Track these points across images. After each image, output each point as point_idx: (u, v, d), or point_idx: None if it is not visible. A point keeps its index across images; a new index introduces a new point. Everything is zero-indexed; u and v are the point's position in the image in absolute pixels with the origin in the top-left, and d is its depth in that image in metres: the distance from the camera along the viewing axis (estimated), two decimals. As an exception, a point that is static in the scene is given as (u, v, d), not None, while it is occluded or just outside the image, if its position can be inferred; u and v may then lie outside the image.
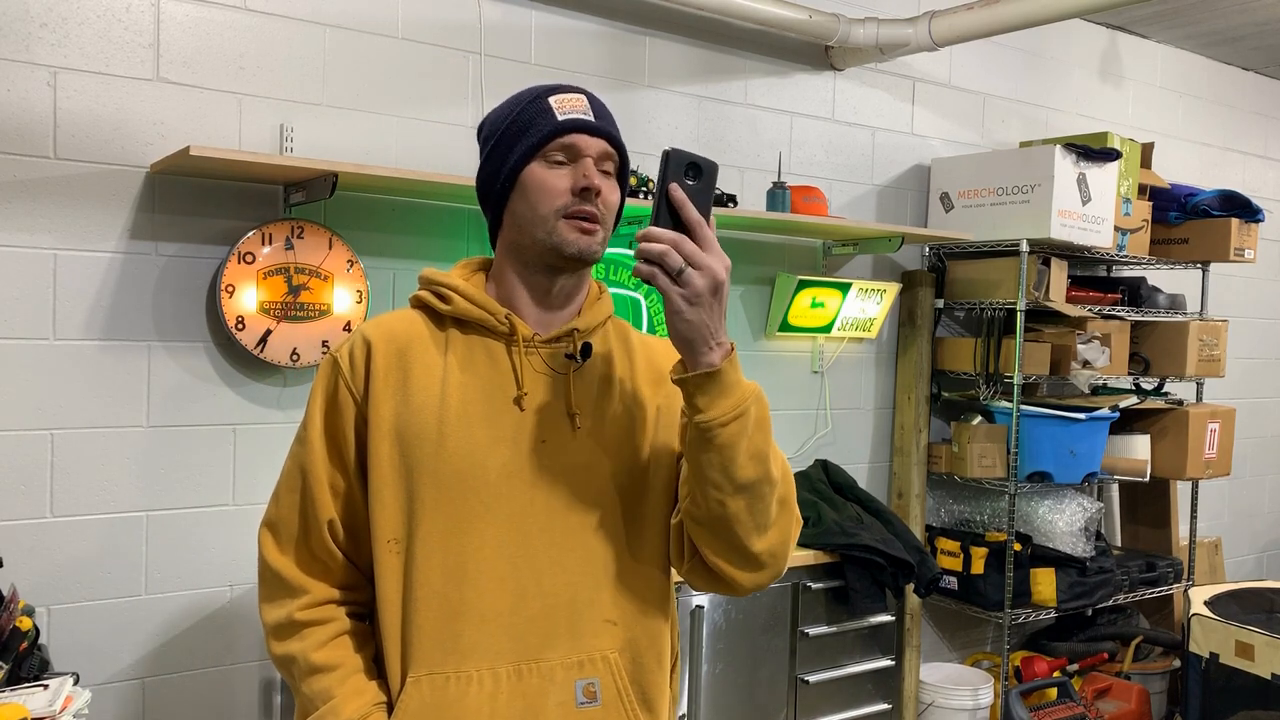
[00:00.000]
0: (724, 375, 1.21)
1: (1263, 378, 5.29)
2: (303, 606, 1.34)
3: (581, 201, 1.29)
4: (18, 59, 2.35)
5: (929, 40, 3.41)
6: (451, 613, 1.29)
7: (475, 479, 1.30)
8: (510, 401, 1.33)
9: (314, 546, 1.35)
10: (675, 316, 1.19)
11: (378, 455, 1.31)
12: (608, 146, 1.33)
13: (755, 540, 1.27)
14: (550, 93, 1.34)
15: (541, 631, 1.31)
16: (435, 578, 1.29)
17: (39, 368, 2.41)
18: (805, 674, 3.03)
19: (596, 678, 1.32)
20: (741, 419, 1.22)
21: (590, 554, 1.33)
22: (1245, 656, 3.33)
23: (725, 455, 1.22)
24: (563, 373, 1.36)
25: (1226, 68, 5.01)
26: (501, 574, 1.30)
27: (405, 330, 1.36)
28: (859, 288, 3.56)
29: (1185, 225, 4.22)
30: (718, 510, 1.25)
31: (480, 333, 1.36)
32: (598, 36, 3.15)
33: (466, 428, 1.31)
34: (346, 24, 2.74)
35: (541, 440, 1.33)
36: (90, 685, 2.38)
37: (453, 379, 1.33)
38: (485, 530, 1.30)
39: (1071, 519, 3.83)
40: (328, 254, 2.64)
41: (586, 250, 1.31)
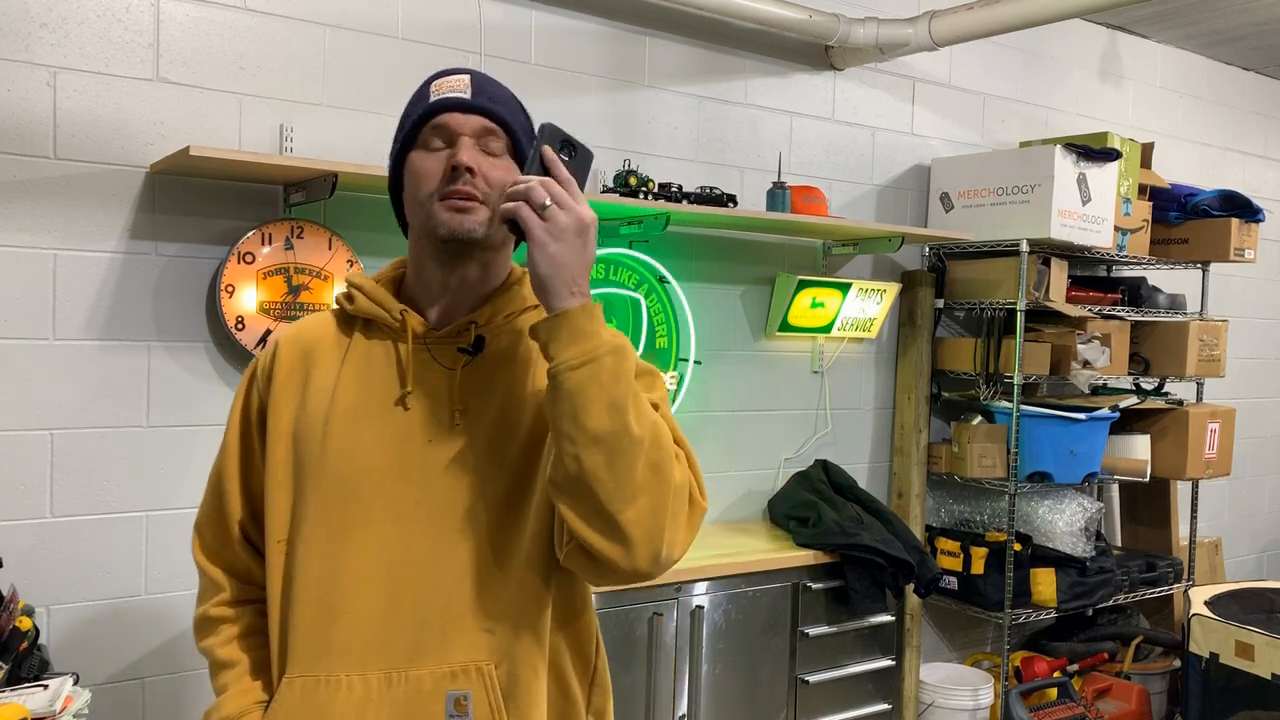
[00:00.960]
0: (573, 318, 1.17)
1: (1263, 378, 5.29)
2: (216, 604, 1.39)
3: (451, 180, 1.24)
4: (18, 59, 2.35)
5: (929, 40, 3.41)
6: (326, 615, 1.26)
7: (357, 481, 1.27)
8: (396, 401, 1.29)
9: (226, 544, 1.39)
10: (538, 251, 1.17)
11: (273, 457, 1.32)
12: (487, 122, 1.27)
13: (620, 506, 1.15)
14: (435, 78, 1.31)
15: (413, 638, 1.25)
16: (312, 579, 1.27)
17: (39, 368, 2.41)
18: (805, 674, 3.03)
19: (469, 690, 1.25)
20: (592, 365, 1.16)
21: (469, 558, 1.27)
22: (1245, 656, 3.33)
23: (575, 402, 1.15)
24: (452, 368, 1.30)
25: (1226, 68, 5.01)
26: (378, 578, 1.26)
27: (313, 332, 1.36)
28: (859, 288, 3.56)
29: (1185, 225, 4.22)
30: (573, 468, 1.15)
31: (381, 333, 1.33)
32: (598, 36, 3.15)
33: (352, 429, 1.28)
34: (346, 24, 2.74)
35: (427, 440, 1.28)
36: (90, 685, 2.38)
37: (345, 379, 1.31)
38: (365, 533, 1.26)
39: (1071, 519, 3.83)
40: (328, 254, 2.64)
41: (460, 229, 1.24)
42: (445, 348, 1.31)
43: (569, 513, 1.19)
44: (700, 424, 3.42)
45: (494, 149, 1.28)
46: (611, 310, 3.15)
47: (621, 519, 1.16)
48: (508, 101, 1.32)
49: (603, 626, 2.69)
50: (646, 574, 1.20)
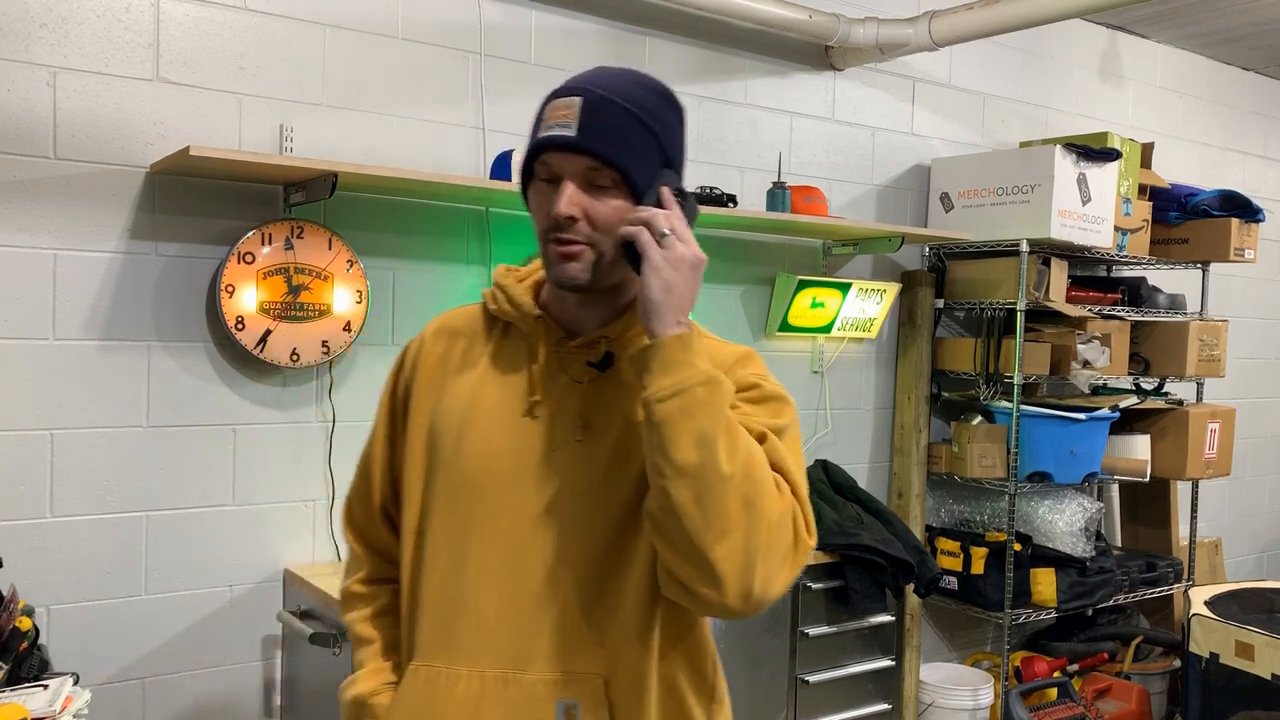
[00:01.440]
0: (669, 348, 1.17)
1: (1263, 378, 5.29)
2: (359, 580, 1.45)
3: (555, 228, 1.23)
4: (18, 59, 2.35)
5: (929, 40, 3.41)
6: (451, 610, 1.29)
7: (483, 483, 1.29)
8: (525, 408, 1.30)
9: (370, 524, 1.45)
10: (652, 275, 1.18)
11: (412, 449, 1.36)
12: (592, 162, 1.21)
13: (710, 542, 1.13)
14: (553, 95, 1.26)
15: (529, 643, 1.27)
16: (439, 573, 1.30)
17: (39, 368, 2.41)
18: (805, 674, 3.03)
19: (578, 700, 1.26)
20: (682, 396, 1.14)
21: (584, 571, 1.27)
22: (1245, 656, 3.33)
23: (663, 434, 1.14)
24: (580, 381, 1.30)
25: (1226, 68, 5.01)
26: (499, 581, 1.27)
27: (462, 326, 1.39)
28: (859, 288, 3.56)
29: (1185, 225, 4.22)
30: (663, 501, 1.14)
31: (519, 335, 1.34)
32: (598, 36, 3.15)
33: (485, 431, 1.30)
34: (346, 24, 2.74)
35: (552, 450, 1.28)
36: (90, 685, 2.38)
37: (485, 381, 1.33)
38: (487, 535, 1.28)
39: (1071, 519, 3.83)
40: (328, 254, 2.64)
41: (565, 277, 1.24)
42: (576, 359, 1.31)
43: (661, 546, 1.18)
44: (700, 424, 3.41)
45: (602, 182, 1.23)
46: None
47: (711, 555, 1.13)
48: (620, 130, 1.23)
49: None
50: (738, 612, 1.17)
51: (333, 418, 2.76)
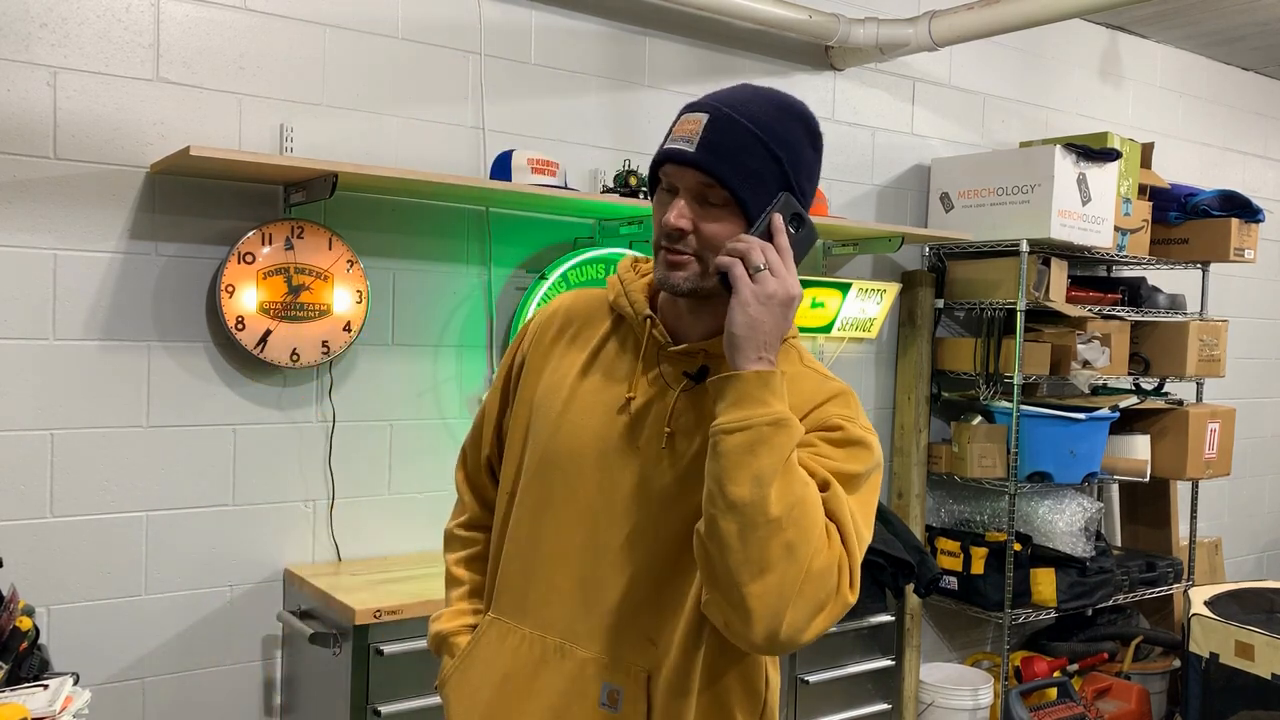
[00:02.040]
0: (745, 382, 1.18)
1: (1263, 378, 5.29)
2: (460, 525, 1.58)
3: (666, 238, 1.28)
4: (18, 59, 2.35)
5: (929, 40, 3.41)
6: (527, 573, 1.40)
7: (567, 468, 1.37)
8: (622, 402, 1.36)
9: (477, 471, 1.57)
10: (740, 310, 1.19)
11: (516, 417, 1.47)
12: (705, 178, 1.25)
13: (746, 578, 1.15)
14: (687, 109, 1.31)
15: (587, 622, 1.35)
16: (522, 537, 1.41)
17: (39, 368, 2.41)
18: (805, 674, 3.03)
19: (622, 687, 1.33)
20: (748, 433, 1.16)
21: (648, 569, 1.32)
22: (1245, 656, 3.33)
23: (723, 465, 1.16)
24: (674, 387, 1.33)
25: (1226, 68, 5.01)
26: (569, 560, 1.37)
27: (585, 310, 1.47)
28: (859, 288, 3.56)
29: (1185, 225, 4.22)
30: (711, 529, 1.17)
31: (630, 329, 1.40)
32: (598, 36, 3.15)
33: (583, 416, 1.38)
34: (346, 24, 2.74)
35: (635, 448, 1.34)
36: (90, 685, 2.38)
37: (591, 366, 1.41)
38: (563, 513, 1.37)
39: (1071, 519, 3.83)
40: (328, 254, 2.64)
41: (668, 284, 1.29)
42: (675, 364, 1.35)
43: (701, 569, 1.21)
44: (700, 424, 3.41)
45: (714, 200, 1.26)
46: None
47: (744, 590, 1.16)
48: (738, 151, 1.26)
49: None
50: (761, 649, 1.20)
51: (333, 418, 2.76)
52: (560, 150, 3.04)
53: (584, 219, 3.12)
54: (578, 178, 3.10)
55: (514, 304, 3.00)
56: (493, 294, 2.98)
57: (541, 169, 2.79)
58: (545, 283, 2.98)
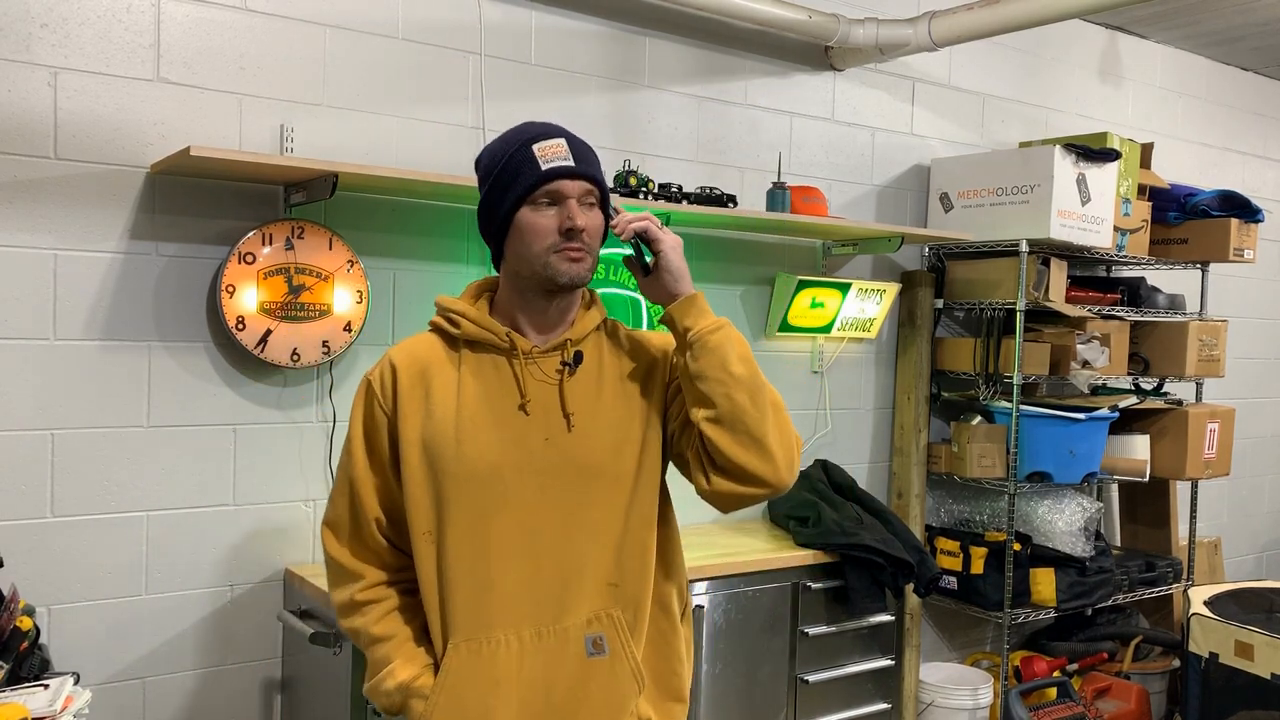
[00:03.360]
0: (700, 300, 1.58)
1: (1262, 378, 5.29)
2: (361, 589, 1.64)
3: (568, 239, 1.54)
4: (18, 59, 2.35)
5: (929, 40, 3.41)
6: (481, 588, 1.56)
7: (491, 477, 1.56)
8: (515, 408, 1.59)
9: (365, 539, 1.64)
10: (672, 253, 1.58)
11: (409, 462, 1.58)
12: (589, 185, 1.57)
13: (765, 430, 1.53)
14: (533, 139, 1.56)
15: (556, 598, 1.58)
16: (465, 560, 1.56)
17: (39, 368, 2.41)
18: (805, 674, 3.04)
19: (603, 632, 1.60)
20: (724, 330, 1.56)
21: (594, 529, 1.59)
22: (1245, 656, 3.33)
23: (720, 355, 1.54)
24: (557, 379, 1.61)
25: (1226, 68, 5.01)
26: (520, 553, 1.57)
27: (425, 353, 1.63)
28: (859, 288, 3.56)
29: (1185, 225, 4.22)
30: (728, 405, 1.52)
31: (488, 350, 1.62)
32: (598, 36, 3.15)
33: (479, 433, 1.57)
34: (346, 24, 2.74)
35: (545, 438, 1.59)
36: (90, 685, 2.38)
37: (466, 391, 1.59)
38: (504, 517, 1.56)
39: (1071, 519, 3.83)
40: (328, 254, 2.64)
41: (577, 277, 1.57)
42: (548, 361, 1.62)
43: (726, 440, 1.53)
44: (700, 424, 3.41)
45: (590, 201, 1.58)
46: (612, 310, 3.14)
47: (768, 440, 1.53)
48: (594, 160, 1.61)
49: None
50: (787, 483, 1.56)
51: (333, 418, 2.76)
52: (560, 150, 3.04)
53: (584, 219, 3.12)
54: (578, 178, 3.10)
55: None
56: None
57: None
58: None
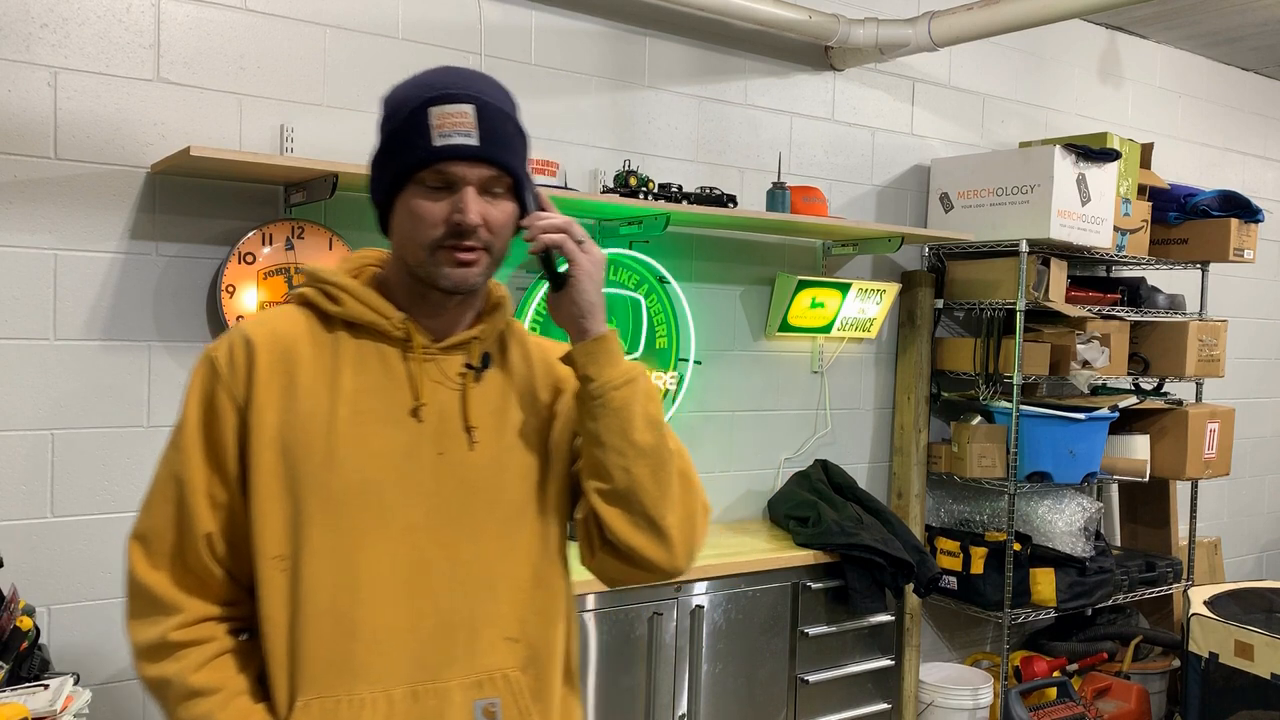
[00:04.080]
0: (611, 343, 1.29)
1: (1262, 378, 5.29)
2: (178, 626, 1.24)
3: (457, 236, 1.22)
4: (18, 59, 2.35)
5: (929, 40, 3.41)
6: (344, 633, 1.22)
7: (369, 493, 1.23)
8: (407, 412, 1.27)
9: (190, 561, 1.25)
10: (585, 280, 1.29)
11: (260, 467, 1.23)
12: (495, 172, 1.24)
13: (664, 512, 1.28)
14: (433, 101, 1.22)
15: (439, 651, 1.25)
16: (325, 596, 1.22)
17: (39, 368, 2.41)
18: (805, 674, 3.04)
19: (497, 698, 1.27)
20: (632, 384, 1.28)
21: (489, 569, 1.28)
22: (1245, 656, 3.33)
23: (622, 418, 1.26)
24: (460, 383, 1.30)
25: (1226, 68, 5.01)
26: (396, 592, 1.24)
27: (290, 330, 1.28)
28: (859, 288, 3.56)
29: (1185, 225, 4.22)
30: (624, 480, 1.26)
31: (373, 337, 1.28)
32: (598, 36, 3.15)
33: (359, 439, 1.24)
34: (346, 24, 2.75)
35: (439, 453, 1.27)
36: (90, 685, 2.38)
37: (344, 386, 1.26)
38: (379, 546, 1.23)
39: (1071, 519, 3.83)
40: (328, 254, 2.64)
41: (462, 283, 1.25)
42: (449, 362, 1.31)
43: (618, 519, 1.27)
44: (700, 424, 3.42)
45: (497, 189, 1.26)
46: (612, 310, 3.15)
47: (665, 524, 1.28)
48: (510, 138, 1.26)
49: (603, 626, 2.70)
50: (683, 570, 1.32)
51: (333, 418, 2.76)
52: (560, 150, 3.05)
53: (584, 219, 3.12)
54: (578, 178, 3.11)
55: (514, 304, 3.00)
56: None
57: (541, 169, 2.79)
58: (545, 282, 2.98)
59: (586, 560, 1.34)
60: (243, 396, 1.24)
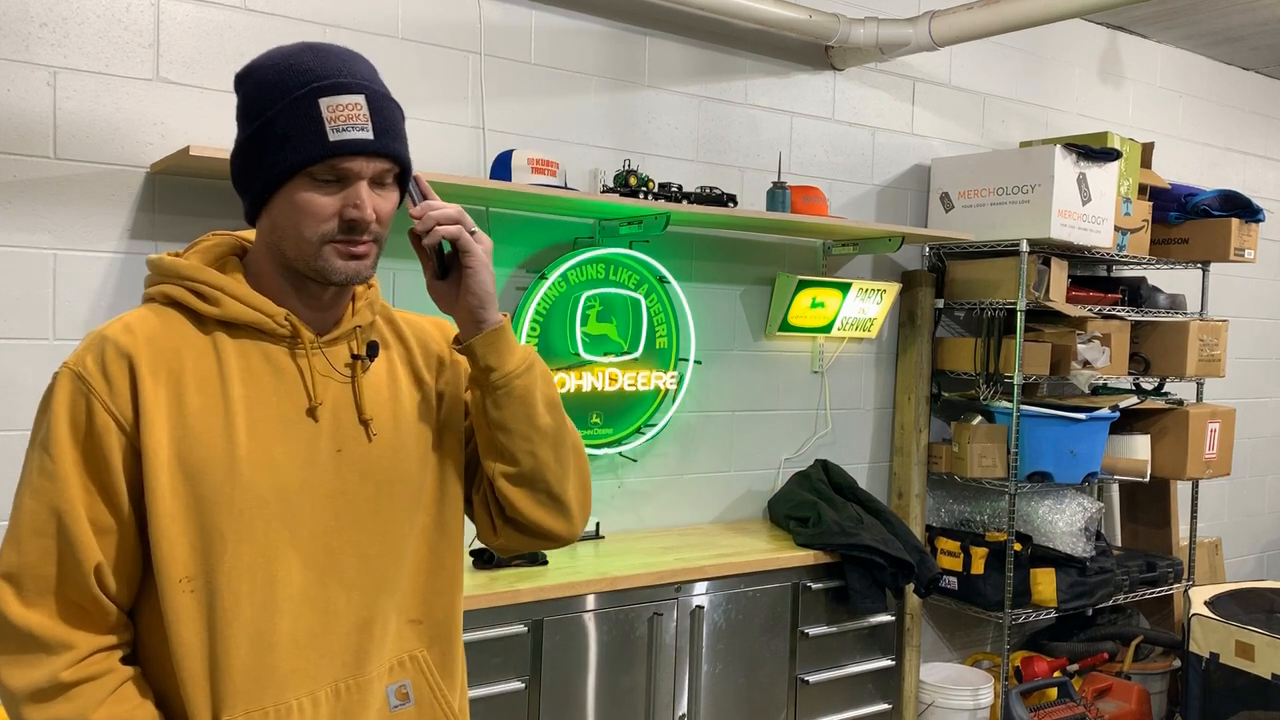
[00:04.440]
0: (508, 332, 1.31)
1: (1263, 378, 5.29)
2: (69, 664, 1.16)
3: (349, 231, 1.20)
4: (18, 59, 2.35)
5: (929, 40, 3.41)
6: (265, 645, 1.20)
7: (277, 502, 1.21)
8: (303, 413, 1.24)
9: (74, 595, 1.17)
10: (481, 270, 1.29)
11: (158, 488, 1.16)
12: (388, 164, 1.23)
13: (565, 486, 1.35)
14: (322, 91, 1.18)
15: (355, 647, 1.27)
16: (245, 612, 1.19)
17: (39, 368, 2.41)
18: (805, 674, 3.03)
19: (407, 679, 1.31)
20: (531, 370, 1.32)
21: (395, 558, 1.30)
22: (1245, 656, 3.33)
23: (526, 405, 1.31)
24: (348, 376, 1.29)
25: (1226, 68, 5.01)
26: (312, 596, 1.23)
27: (165, 337, 1.21)
28: (859, 288, 3.56)
29: (1185, 225, 4.22)
30: (530, 463, 1.32)
31: (253, 336, 1.24)
32: (598, 36, 3.15)
33: (262, 446, 1.21)
34: (346, 24, 2.74)
35: (336, 450, 1.26)
36: (90, 685, 2.38)
37: (235, 394, 1.21)
38: (291, 554, 1.22)
39: (1071, 519, 3.83)
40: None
41: (355, 276, 1.23)
42: (334, 354, 1.29)
43: (523, 498, 1.34)
44: (700, 424, 3.42)
45: (387, 181, 1.25)
46: (612, 310, 3.15)
47: (566, 497, 1.36)
48: (398, 126, 1.25)
49: (603, 626, 2.70)
50: (578, 534, 1.42)
51: (333, 418, 2.76)
52: (560, 150, 3.05)
53: (584, 219, 3.12)
54: (578, 177, 3.10)
55: (514, 304, 3.00)
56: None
57: (541, 169, 2.79)
58: (545, 282, 2.98)
59: (488, 537, 1.41)
60: (127, 413, 1.17)
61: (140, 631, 1.24)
